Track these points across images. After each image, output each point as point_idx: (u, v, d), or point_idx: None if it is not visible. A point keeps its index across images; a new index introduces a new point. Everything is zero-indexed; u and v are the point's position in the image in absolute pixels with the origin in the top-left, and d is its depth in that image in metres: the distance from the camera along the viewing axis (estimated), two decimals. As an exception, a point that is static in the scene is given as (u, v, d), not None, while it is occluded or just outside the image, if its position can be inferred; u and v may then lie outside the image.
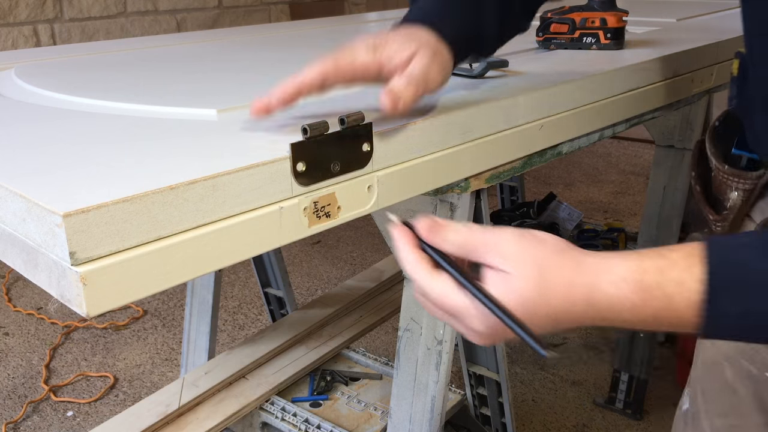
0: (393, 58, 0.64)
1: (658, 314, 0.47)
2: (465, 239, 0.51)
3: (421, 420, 1.01)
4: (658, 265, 0.48)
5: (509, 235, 0.50)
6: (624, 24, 1.14)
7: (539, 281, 0.48)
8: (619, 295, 0.48)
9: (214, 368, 1.47)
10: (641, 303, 0.47)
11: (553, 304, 0.48)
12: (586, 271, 0.49)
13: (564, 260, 0.49)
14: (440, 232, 0.52)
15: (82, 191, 0.49)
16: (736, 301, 0.46)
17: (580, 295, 0.48)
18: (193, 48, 1.29)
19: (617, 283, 0.48)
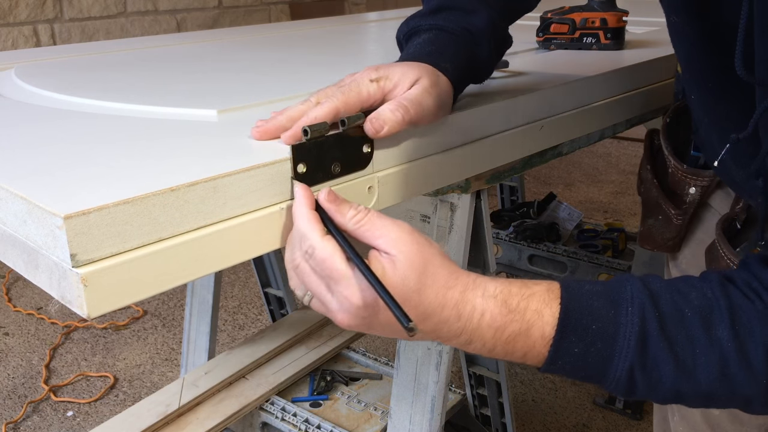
0: (396, 87, 0.64)
1: (515, 338, 0.52)
2: (364, 219, 0.53)
3: (421, 420, 1.02)
4: (522, 292, 0.53)
5: (406, 227, 0.53)
6: (624, 24, 1.14)
7: (421, 273, 0.51)
8: (485, 308, 0.52)
9: (214, 368, 1.48)
10: (503, 323, 0.52)
11: (426, 298, 0.52)
12: (462, 281, 0.53)
13: (445, 264, 0.53)
14: (340, 205, 0.55)
15: (83, 193, 0.49)
16: (580, 342, 0.52)
17: (453, 300, 0.52)
18: (193, 48, 1.29)
19: (487, 298, 0.52)
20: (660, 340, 0.51)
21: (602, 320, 0.52)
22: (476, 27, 0.72)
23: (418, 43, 0.71)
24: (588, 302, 0.53)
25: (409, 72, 0.65)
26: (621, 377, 0.52)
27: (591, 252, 1.98)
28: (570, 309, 0.53)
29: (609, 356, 0.52)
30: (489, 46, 0.73)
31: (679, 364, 0.51)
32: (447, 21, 0.72)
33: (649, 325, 0.51)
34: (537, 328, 0.52)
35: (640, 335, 0.51)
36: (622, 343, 0.52)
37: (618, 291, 0.53)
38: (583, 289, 0.54)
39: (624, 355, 0.52)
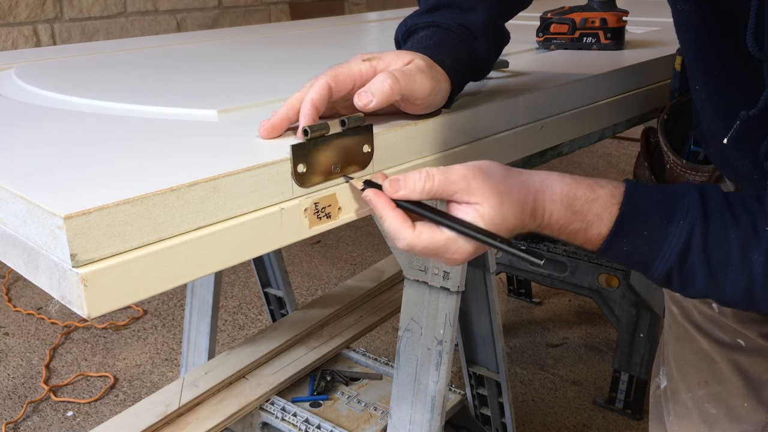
0: (389, 67, 0.64)
1: (576, 234, 0.60)
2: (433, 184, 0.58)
3: (421, 420, 1.02)
4: (587, 196, 0.60)
5: (467, 172, 0.58)
6: (624, 24, 1.14)
7: (499, 207, 0.57)
8: (553, 211, 0.60)
9: (214, 368, 1.48)
10: (566, 222, 0.60)
11: (509, 222, 0.59)
12: (531, 190, 0.59)
13: (514, 184, 0.59)
14: (405, 185, 0.58)
15: (83, 193, 0.49)
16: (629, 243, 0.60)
17: (529, 211, 0.59)
18: (193, 48, 1.29)
19: (554, 202, 0.60)
20: (700, 254, 0.58)
21: (654, 228, 0.59)
22: (474, 24, 0.72)
23: (416, 39, 0.72)
24: (645, 210, 0.60)
25: (403, 54, 0.66)
26: (660, 275, 0.60)
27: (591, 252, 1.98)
28: (627, 215, 0.59)
29: (653, 258, 0.60)
30: (487, 43, 0.73)
31: (711, 276, 0.59)
32: (444, 18, 0.72)
33: (694, 240, 0.58)
34: (595, 228, 0.60)
35: (684, 247, 0.58)
36: (667, 250, 0.59)
37: (675, 203, 0.60)
38: (645, 197, 0.60)
39: (665, 260, 0.59)
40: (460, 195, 0.58)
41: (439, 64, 0.68)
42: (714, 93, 0.71)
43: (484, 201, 0.57)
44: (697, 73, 0.74)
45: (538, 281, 2.12)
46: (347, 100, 0.65)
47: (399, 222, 0.58)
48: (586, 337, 2.28)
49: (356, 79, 0.64)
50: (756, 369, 0.83)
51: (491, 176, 0.58)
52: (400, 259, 1.04)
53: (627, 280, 1.83)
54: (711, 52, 0.69)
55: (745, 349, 0.83)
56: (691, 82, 0.77)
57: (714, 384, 0.86)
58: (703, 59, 0.72)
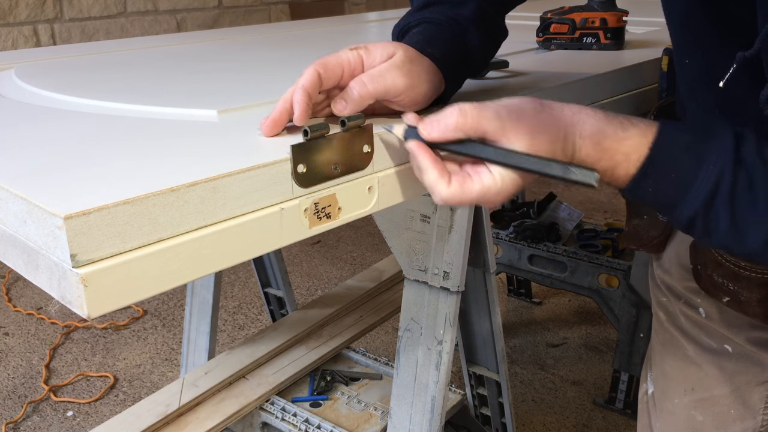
0: (375, 59, 0.66)
1: (604, 171, 0.59)
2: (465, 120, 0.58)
3: (421, 420, 1.02)
4: (617, 135, 0.59)
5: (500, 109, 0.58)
6: (624, 24, 1.14)
7: (530, 144, 0.57)
8: (582, 146, 0.59)
9: (214, 368, 1.48)
10: (595, 160, 0.59)
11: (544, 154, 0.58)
12: (562, 126, 0.59)
13: (545, 120, 0.59)
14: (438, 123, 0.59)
15: (83, 193, 0.49)
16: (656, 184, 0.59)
17: (560, 147, 0.59)
18: (193, 48, 1.29)
19: (584, 137, 0.59)
20: (725, 201, 0.57)
21: (682, 171, 0.58)
22: (463, 16, 0.73)
23: (408, 37, 0.72)
24: (675, 152, 0.58)
25: (388, 46, 0.67)
26: (683, 219, 0.59)
27: (591, 252, 1.99)
28: (656, 157, 0.58)
29: (678, 201, 0.59)
30: (479, 34, 0.73)
31: (734, 224, 0.57)
32: (434, 14, 0.74)
33: (722, 186, 0.57)
34: (622, 168, 0.59)
35: (711, 193, 0.57)
36: (693, 195, 0.57)
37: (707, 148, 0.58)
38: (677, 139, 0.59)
39: (691, 205, 0.58)
40: (494, 133, 0.58)
41: (429, 57, 0.69)
42: (705, 63, 0.70)
43: (517, 140, 0.57)
44: (686, 44, 0.73)
45: (538, 281, 2.12)
46: (340, 90, 0.66)
47: (437, 175, 0.59)
48: (586, 337, 2.28)
49: (344, 66, 0.65)
50: (743, 375, 0.82)
51: (524, 113, 0.58)
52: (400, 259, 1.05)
53: (627, 280, 1.83)
54: (700, 19, 0.68)
55: (732, 355, 0.82)
56: (678, 59, 0.76)
57: (700, 390, 0.85)
58: (692, 28, 0.71)
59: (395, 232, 1.05)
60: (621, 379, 1.86)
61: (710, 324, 0.83)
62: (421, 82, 0.67)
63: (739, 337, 0.81)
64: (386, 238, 1.06)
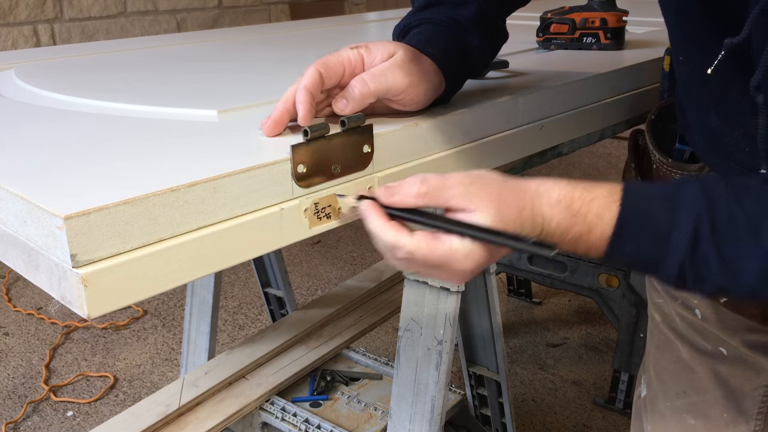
0: (375, 57, 0.66)
1: (578, 239, 0.58)
2: (427, 190, 0.56)
3: (421, 420, 1.02)
4: (584, 197, 0.57)
5: (464, 178, 0.57)
6: (624, 24, 1.14)
7: (498, 216, 0.55)
8: (552, 215, 0.57)
9: (214, 368, 1.47)
10: (568, 226, 0.57)
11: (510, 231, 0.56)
12: (528, 198, 0.57)
13: (511, 191, 0.57)
14: (400, 190, 0.57)
15: (83, 193, 0.49)
16: (634, 241, 0.57)
17: (528, 218, 0.57)
18: (193, 48, 1.29)
19: (552, 205, 0.57)
20: (710, 243, 0.55)
21: (658, 223, 0.56)
22: (464, 17, 0.73)
23: (408, 37, 0.73)
24: (646, 205, 0.57)
25: (389, 45, 0.67)
26: (672, 272, 0.57)
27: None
28: (628, 212, 0.57)
29: (662, 256, 0.57)
30: (479, 35, 0.73)
31: (724, 265, 0.56)
32: (434, 14, 0.74)
33: (701, 230, 0.55)
34: (597, 230, 0.57)
35: (693, 239, 0.55)
36: (674, 245, 0.56)
37: (677, 195, 0.57)
38: (644, 192, 0.58)
39: (675, 256, 0.56)
40: (457, 201, 0.56)
41: (430, 56, 0.69)
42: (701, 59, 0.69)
43: (482, 207, 0.55)
44: (682, 40, 0.73)
45: (538, 281, 2.12)
46: (341, 89, 0.66)
47: (394, 231, 0.55)
48: (586, 337, 2.28)
49: (345, 65, 0.65)
50: (737, 379, 0.81)
51: (488, 183, 0.57)
52: (400, 259, 1.04)
53: (627, 280, 1.83)
54: (696, 15, 0.67)
55: (727, 358, 0.81)
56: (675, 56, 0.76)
57: (693, 394, 0.84)
58: (686, 23, 0.70)
59: (395, 232, 1.04)
60: (621, 379, 1.86)
61: (706, 326, 0.83)
62: (421, 81, 0.67)
63: (734, 339, 0.80)
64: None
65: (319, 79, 0.63)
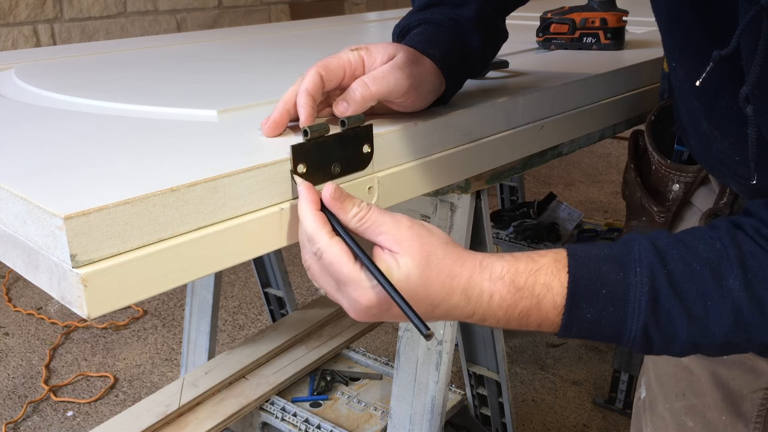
0: (375, 59, 0.66)
1: (528, 313, 0.53)
2: (366, 216, 0.54)
3: (421, 420, 1.02)
4: (529, 268, 0.53)
5: (405, 221, 0.54)
6: (624, 24, 1.14)
7: (424, 267, 0.52)
8: (493, 290, 0.53)
9: (214, 368, 1.48)
10: (513, 301, 0.53)
11: (432, 290, 0.53)
12: (468, 266, 0.53)
13: (449, 253, 0.53)
14: (344, 202, 0.55)
15: (83, 193, 0.49)
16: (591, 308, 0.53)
17: (460, 287, 0.53)
18: (193, 48, 1.29)
19: (494, 280, 0.53)
20: (671, 297, 0.52)
21: (612, 284, 0.53)
22: (464, 17, 0.73)
23: (409, 38, 0.72)
24: (596, 267, 0.54)
25: (389, 47, 0.66)
26: (637, 336, 0.53)
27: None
28: (578, 277, 0.53)
29: (622, 318, 0.53)
30: (479, 35, 0.73)
31: (692, 319, 0.52)
32: (435, 14, 0.74)
33: (659, 283, 0.52)
34: (548, 301, 0.53)
35: (651, 294, 0.52)
36: (634, 304, 0.52)
37: (625, 252, 0.54)
38: (591, 254, 0.55)
39: (637, 316, 0.52)
40: (385, 238, 0.53)
41: (431, 57, 0.69)
42: (692, 66, 0.68)
43: (409, 254, 0.52)
44: (674, 46, 0.72)
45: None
46: (341, 91, 0.66)
47: (319, 225, 0.54)
48: (586, 337, 2.27)
49: (346, 67, 0.65)
50: (736, 382, 0.80)
51: (428, 236, 0.54)
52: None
53: (627, 280, 1.83)
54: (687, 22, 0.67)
55: (726, 361, 0.80)
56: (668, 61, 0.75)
57: (691, 396, 0.84)
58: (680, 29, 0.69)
59: (395, 232, 1.05)
60: (621, 379, 1.86)
61: None
62: (422, 83, 0.67)
63: None
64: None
65: (319, 81, 0.63)
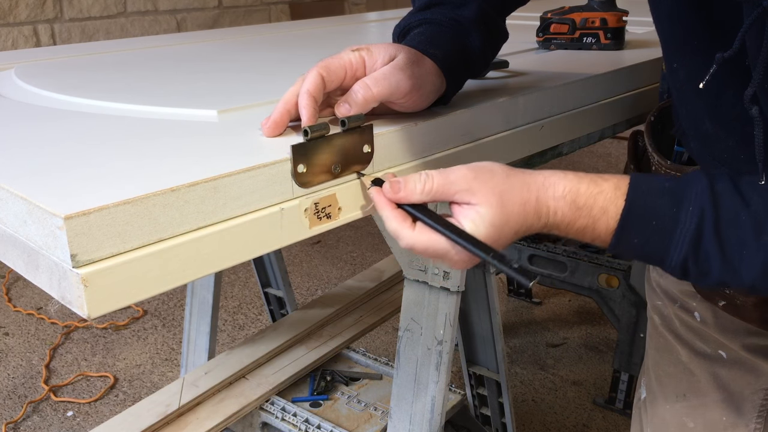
0: (376, 60, 0.66)
1: (584, 230, 0.59)
2: (433, 186, 0.58)
3: (421, 420, 1.02)
4: (591, 191, 0.59)
5: (468, 172, 0.58)
6: (624, 24, 1.14)
7: (501, 208, 0.57)
8: (557, 209, 0.59)
9: (214, 368, 1.47)
10: (572, 219, 0.59)
11: (512, 222, 0.58)
12: (533, 189, 0.59)
13: (515, 183, 0.58)
14: (405, 186, 0.59)
15: (83, 193, 0.49)
16: (639, 235, 0.58)
17: (532, 210, 0.59)
18: (193, 48, 1.29)
19: (557, 199, 0.59)
20: (712, 240, 0.56)
21: (662, 218, 0.57)
22: (464, 17, 0.73)
23: (409, 38, 0.73)
24: (652, 200, 0.58)
25: (390, 48, 0.67)
26: (676, 266, 0.58)
27: (591, 252, 1.98)
28: (634, 206, 0.58)
29: (665, 249, 0.58)
30: (480, 35, 0.73)
31: (726, 263, 0.56)
32: (435, 14, 0.74)
33: (705, 226, 0.56)
34: (602, 222, 0.58)
35: (696, 233, 0.56)
36: (678, 239, 0.57)
37: (683, 189, 0.58)
38: (651, 186, 0.59)
39: (679, 250, 0.57)
40: (461, 195, 0.58)
41: (432, 58, 0.69)
42: (694, 67, 0.69)
43: (485, 201, 0.57)
44: (675, 48, 0.72)
45: (538, 281, 2.12)
46: (342, 91, 0.66)
47: (398, 222, 0.58)
48: (586, 337, 2.28)
49: (347, 68, 0.65)
50: (737, 382, 0.81)
51: (492, 176, 0.58)
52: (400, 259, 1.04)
53: (627, 280, 1.83)
54: (688, 22, 0.67)
55: (726, 361, 0.81)
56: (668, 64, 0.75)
57: (692, 397, 0.84)
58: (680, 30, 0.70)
59: (395, 232, 1.05)
60: (621, 379, 1.86)
61: (705, 329, 0.82)
62: (423, 83, 0.67)
63: (734, 343, 0.80)
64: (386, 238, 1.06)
65: (321, 82, 0.63)
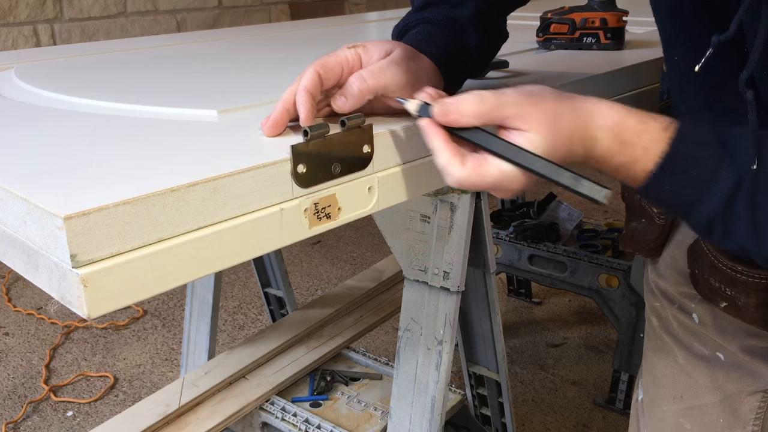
0: (372, 56, 0.66)
1: (620, 167, 0.58)
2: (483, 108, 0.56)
3: (421, 420, 1.02)
4: (637, 128, 0.57)
5: (517, 97, 0.57)
6: (624, 24, 1.14)
7: (550, 133, 0.56)
8: (603, 138, 0.57)
9: (214, 368, 1.48)
10: (614, 154, 0.57)
11: (560, 151, 0.57)
12: (582, 116, 0.57)
13: (564, 109, 0.57)
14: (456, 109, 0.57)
15: (83, 193, 0.49)
16: (674, 182, 0.57)
17: (579, 138, 0.57)
18: (193, 48, 1.29)
19: (603, 130, 0.57)
20: (745, 202, 0.55)
21: (702, 170, 0.55)
22: (461, 16, 0.73)
23: (407, 37, 0.73)
24: (696, 150, 0.56)
25: (386, 44, 0.67)
26: (701, 222, 0.57)
27: (591, 252, 1.99)
28: (676, 153, 0.56)
29: (696, 202, 0.56)
30: (477, 34, 0.73)
31: (754, 227, 0.55)
32: (433, 14, 0.74)
33: (743, 187, 0.54)
34: (641, 163, 0.57)
35: (730, 193, 0.55)
36: (712, 195, 0.55)
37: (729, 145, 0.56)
38: (699, 134, 0.57)
39: (710, 206, 0.56)
40: (512, 120, 0.56)
41: (428, 55, 0.69)
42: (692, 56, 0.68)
43: (537, 128, 0.56)
44: (677, 39, 0.72)
45: (538, 281, 2.12)
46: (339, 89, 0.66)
47: (449, 156, 0.57)
48: (586, 337, 2.28)
49: (344, 65, 0.65)
50: (734, 384, 0.80)
51: (543, 100, 0.57)
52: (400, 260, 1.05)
53: (627, 280, 1.83)
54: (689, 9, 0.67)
55: (724, 363, 0.81)
56: (668, 57, 0.75)
57: (689, 398, 0.84)
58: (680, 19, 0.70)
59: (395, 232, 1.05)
60: (621, 379, 1.86)
61: (703, 331, 0.82)
62: (419, 79, 0.68)
63: (732, 344, 0.80)
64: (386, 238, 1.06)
65: (318, 80, 0.63)
